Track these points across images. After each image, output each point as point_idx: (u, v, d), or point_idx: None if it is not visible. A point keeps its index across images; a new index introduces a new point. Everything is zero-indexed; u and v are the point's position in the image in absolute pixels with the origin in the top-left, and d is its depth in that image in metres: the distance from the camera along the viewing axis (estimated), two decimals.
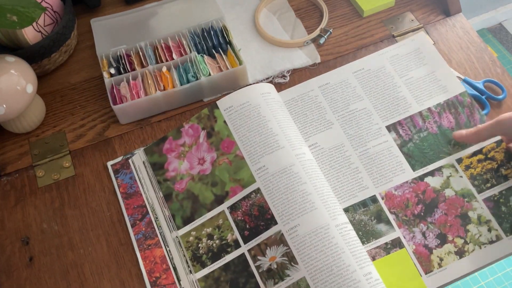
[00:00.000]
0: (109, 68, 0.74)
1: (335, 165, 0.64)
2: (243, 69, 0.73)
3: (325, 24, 0.81)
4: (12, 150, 0.71)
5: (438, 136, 0.65)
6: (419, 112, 0.67)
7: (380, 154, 0.64)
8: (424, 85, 0.69)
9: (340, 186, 0.63)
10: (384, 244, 0.59)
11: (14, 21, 0.62)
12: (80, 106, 0.75)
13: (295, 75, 0.76)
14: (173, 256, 0.61)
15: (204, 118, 0.65)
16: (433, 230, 0.60)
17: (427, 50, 0.72)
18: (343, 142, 0.66)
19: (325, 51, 0.78)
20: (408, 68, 0.70)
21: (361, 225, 0.60)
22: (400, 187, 0.62)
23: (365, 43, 0.79)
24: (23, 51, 0.72)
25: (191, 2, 0.82)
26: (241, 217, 0.60)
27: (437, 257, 0.58)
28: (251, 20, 0.83)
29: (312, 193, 0.58)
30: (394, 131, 0.66)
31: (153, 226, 0.63)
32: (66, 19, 0.76)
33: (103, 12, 0.86)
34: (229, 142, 0.63)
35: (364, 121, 0.67)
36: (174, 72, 0.73)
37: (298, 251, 0.56)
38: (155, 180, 0.65)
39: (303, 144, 0.63)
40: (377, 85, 0.69)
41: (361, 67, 0.71)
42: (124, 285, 0.60)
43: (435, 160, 0.64)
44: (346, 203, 0.62)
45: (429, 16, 0.81)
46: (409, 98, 0.68)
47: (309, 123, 0.67)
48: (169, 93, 0.71)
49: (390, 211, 0.61)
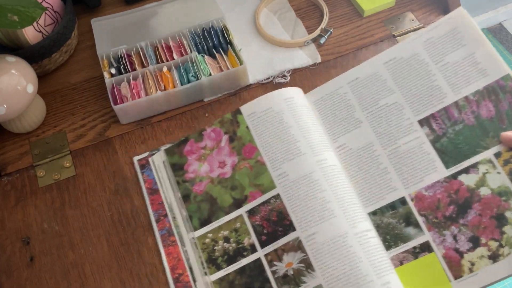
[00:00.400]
0: (110, 68, 0.74)
1: (363, 167, 0.62)
2: (243, 69, 0.73)
3: (326, 24, 0.81)
4: (13, 150, 0.71)
5: (475, 128, 0.59)
6: (454, 102, 0.61)
7: (410, 152, 0.61)
8: (461, 70, 0.62)
9: (368, 188, 0.61)
10: (412, 248, 0.57)
11: (14, 20, 0.62)
12: (81, 106, 0.75)
13: (296, 75, 0.76)
14: (189, 257, 0.61)
15: (227, 122, 0.65)
16: (465, 233, 0.56)
17: (466, 28, 0.63)
18: (372, 141, 0.63)
19: (325, 51, 0.78)
20: (444, 52, 0.64)
21: (389, 229, 0.58)
22: (431, 187, 0.59)
23: (365, 43, 0.79)
24: (23, 51, 0.72)
25: (192, 2, 0.82)
26: (259, 222, 0.59)
27: (468, 262, 0.55)
28: (251, 20, 0.83)
29: (331, 201, 0.57)
30: (426, 126, 0.61)
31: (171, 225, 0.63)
32: (67, 19, 0.76)
33: (104, 12, 0.86)
34: (251, 148, 0.62)
35: (395, 117, 0.63)
36: (174, 72, 0.73)
37: (316, 259, 0.55)
38: (174, 181, 0.65)
39: (327, 149, 0.62)
40: (410, 75, 0.64)
41: (393, 57, 0.66)
42: (124, 285, 0.60)
43: (470, 156, 0.58)
44: (373, 206, 0.60)
45: (430, 16, 0.81)
46: (445, 86, 0.62)
47: (337, 123, 0.65)
48: (170, 93, 0.71)
49: (419, 213, 0.58)
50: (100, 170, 0.69)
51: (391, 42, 0.78)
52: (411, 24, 0.80)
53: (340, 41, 0.79)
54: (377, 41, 0.79)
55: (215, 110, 0.73)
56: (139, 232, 0.64)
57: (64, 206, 0.66)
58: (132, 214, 0.65)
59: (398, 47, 0.66)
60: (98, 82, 0.77)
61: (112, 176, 0.68)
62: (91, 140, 0.71)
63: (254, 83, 0.75)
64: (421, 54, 0.65)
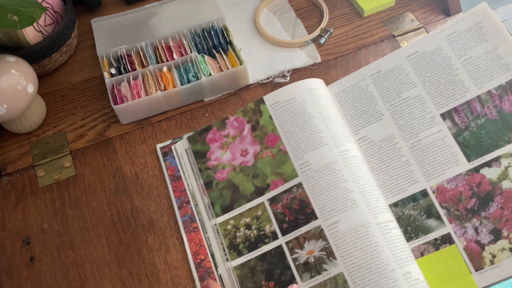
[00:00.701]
0: (110, 68, 0.74)
1: (384, 159, 0.62)
2: (243, 69, 0.73)
3: (326, 24, 0.81)
4: (13, 150, 0.71)
5: (497, 123, 0.60)
6: (477, 96, 0.61)
7: (433, 145, 0.61)
8: (484, 64, 0.62)
9: (389, 180, 0.61)
10: (433, 240, 0.57)
11: (15, 21, 0.62)
12: (81, 106, 0.75)
13: (296, 74, 0.76)
14: (211, 243, 0.62)
15: (250, 111, 0.66)
16: (487, 226, 0.56)
17: (489, 23, 0.64)
18: (394, 133, 0.63)
19: (325, 51, 0.78)
20: (467, 47, 0.64)
21: (410, 220, 0.59)
22: (453, 180, 0.59)
23: (365, 43, 0.79)
24: (23, 51, 0.72)
25: (192, 2, 0.82)
26: (281, 210, 0.60)
27: (490, 254, 0.55)
28: (251, 20, 0.83)
29: (353, 191, 0.58)
30: (449, 119, 0.61)
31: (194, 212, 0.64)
32: (67, 19, 0.76)
33: (104, 12, 0.86)
34: (274, 137, 0.63)
35: (417, 110, 0.63)
36: (174, 72, 0.73)
37: (337, 247, 0.56)
38: (197, 168, 0.66)
39: (349, 141, 0.62)
40: (432, 69, 0.64)
41: (416, 50, 0.66)
42: (124, 285, 0.60)
43: (493, 150, 0.59)
44: (394, 198, 0.60)
45: (429, 16, 0.81)
46: (467, 81, 0.62)
47: (359, 115, 0.65)
48: (170, 93, 0.71)
49: (441, 206, 0.58)
50: (100, 170, 0.68)
51: (391, 42, 0.78)
52: (411, 24, 0.80)
53: (340, 41, 0.79)
54: (377, 41, 0.79)
55: (215, 110, 0.73)
56: (139, 231, 0.64)
57: (64, 206, 0.66)
58: (132, 214, 0.65)
59: (422, 40, 0.66)
60: (98, 82, 0.77)
61: (112, 175, 0.68)
62: (91, 140, 0.71)
63: (254, 83, 0.76)
64: (444, 48, 0.65)
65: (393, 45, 0.78)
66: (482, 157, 0.59)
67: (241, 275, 0.60)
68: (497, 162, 0.58)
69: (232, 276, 0.60)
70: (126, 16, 0.82)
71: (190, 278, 0.61)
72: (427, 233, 0.58)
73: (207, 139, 0.67)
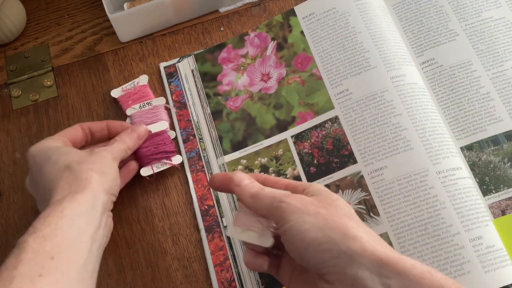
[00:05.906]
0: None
1: (457, 88, 0.53)
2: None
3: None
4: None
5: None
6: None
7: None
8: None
9: (462, 115, 0.52)
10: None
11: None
12: (68, 14, 0.64)
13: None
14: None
15: (276, 26, 0.57)
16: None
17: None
18: (471, 59, 0.54)
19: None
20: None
21: (489, 169, 0.49)
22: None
23: None
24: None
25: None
26: (308, 150, 0.52)
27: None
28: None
29: (408, 128, 0.49)
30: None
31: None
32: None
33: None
34: (305, 58, 0.55)
35: (502, 35, 0.54)
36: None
37: (382, 200, 0.48)
38: (204, 93, 0.57)
39: (406, 63, 0.53)
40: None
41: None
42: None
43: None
44: (468, 139, 0.51)
45: None
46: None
47: (424, 33, 0.56)
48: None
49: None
50: (88, 91, 0.59)
51: None
52: None
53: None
54: None
55: (232, 23, 0.61)
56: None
57: (41, 133, 0.57)
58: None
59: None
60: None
61: (102, 99, 0.59)
62: (78, 55, 0.61)
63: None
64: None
65: None
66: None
67: None
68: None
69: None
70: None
71: (194, 226, 0.51)
72: (511, 186, 0.48)
73: (220, 59, 0.58)
